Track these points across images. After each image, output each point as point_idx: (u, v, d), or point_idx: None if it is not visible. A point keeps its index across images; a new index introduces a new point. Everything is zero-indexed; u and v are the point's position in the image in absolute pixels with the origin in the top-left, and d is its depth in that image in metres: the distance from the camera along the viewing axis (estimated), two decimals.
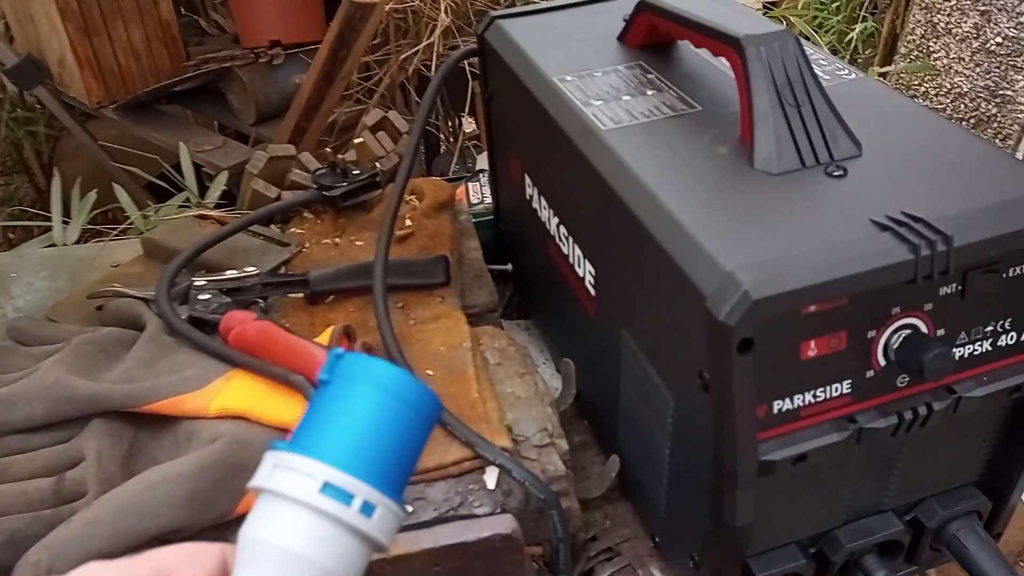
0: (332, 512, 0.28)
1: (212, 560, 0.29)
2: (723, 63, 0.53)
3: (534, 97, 0.56)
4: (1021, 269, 0.41)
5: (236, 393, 0.52)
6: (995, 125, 1.74)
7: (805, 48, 0.47)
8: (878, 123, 0.47)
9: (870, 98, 0.50)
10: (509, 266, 0.78)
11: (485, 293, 0.70)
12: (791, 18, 1.48)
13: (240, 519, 0.48)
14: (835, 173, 0.43)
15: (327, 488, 0.28)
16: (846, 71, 0.53)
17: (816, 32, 1.76)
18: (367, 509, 0.29)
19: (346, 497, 0.28)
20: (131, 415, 0.52)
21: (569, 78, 0.56)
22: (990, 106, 1.73)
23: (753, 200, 0.42)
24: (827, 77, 0.52)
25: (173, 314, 0.59)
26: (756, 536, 0.44)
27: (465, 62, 1.11)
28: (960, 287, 0.40)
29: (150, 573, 0.28)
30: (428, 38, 1.18)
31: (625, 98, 0.52)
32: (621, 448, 0.55)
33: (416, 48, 1.25)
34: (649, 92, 0.53)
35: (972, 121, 1.77)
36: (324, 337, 0.57)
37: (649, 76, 0.55)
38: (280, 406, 0.51)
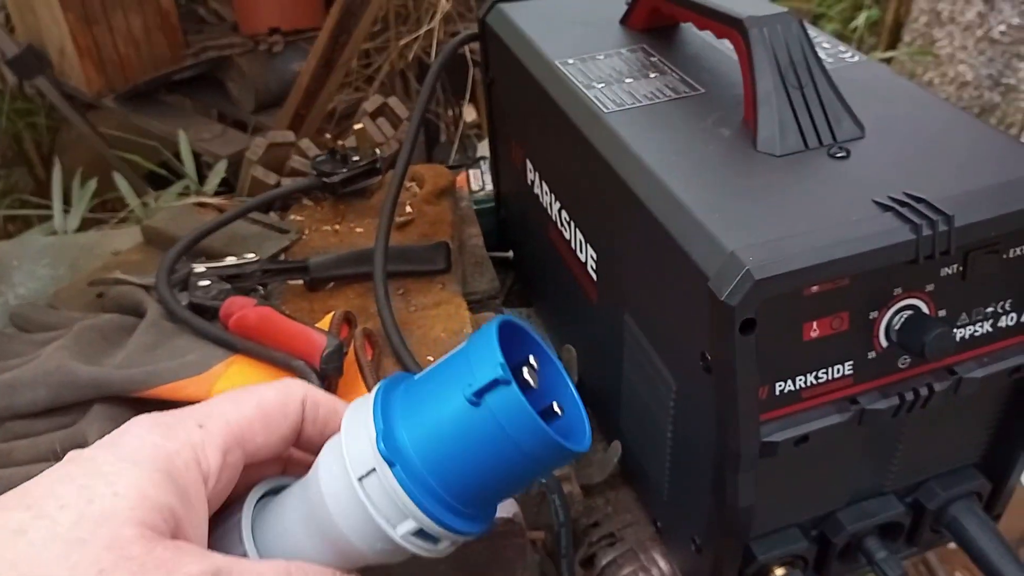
0: (412, 549, 0.27)
1: (287, 426, 0.28)
2: (726, 45, 0.53)
3: (536, 81, 0.56)
4: (1022, 250, 0.41)
5: (237, 378, 0.52)
6: (999, 113, 1.73)
7: (808, 30, 0.47)
8: (881, 105, 0.46)
9: (873, 80, 0.49)
10: (510, 253, 0.78)
11: (486, 280, 0.70)
12: (796, 4, 1.47)
13: None
14: (838, 155, 0.43)
15: (418, 532, 0.26)
16: (849, 54, 0.53)
17: (821, 18, 1.75)
18: (451, 546, 0.28)
19: (433, 540, 0.27)
20: (133, 400, 0.52)
21: (571, 61, 0.55)
22: (994, 94, 1.72)
23: (756, 181, 0.41)
24: (830, 59, 0.52)
25: (173, 300, 0.59)
26: (758, 519, 0.44)
27: (466, 49, 1.10)
28: (961, 268, 0.40)
29: (223, 438, 0.27)
30: (428, 24, 1.17)
31: (628, 81, 0.52)
32: (623, 434, 0.55)
33: (416, 34, 1.24)
34: (652, 75, 0.53)
35: (976, 109, 1.77)
36: (324, 323, 0.57)
37: (652, 59, 0.55)
38: None
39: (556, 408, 0.27)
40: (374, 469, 0.26)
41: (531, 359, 0.27)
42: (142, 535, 0.23)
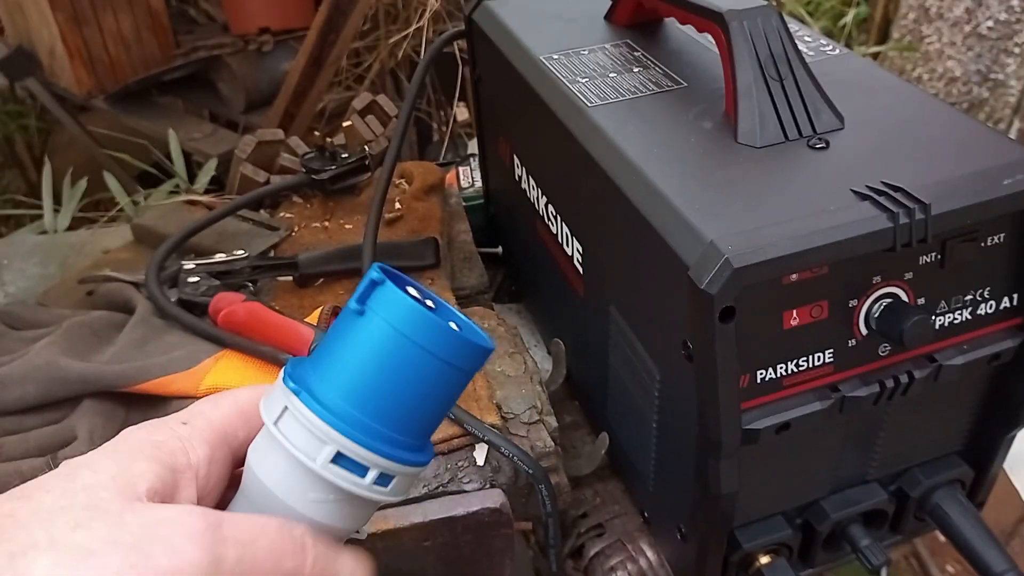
0: (342, 486, 0.26)
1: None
2: (708, 40, 0.54)
3: (521, 76, 0.56)
4: (999, 238, 0.41)
5: (225, 373, 0.52)
6: (987, 109, 1.74)
7: (789, 24, 0.48)
8: (860, 97, 0.47)
9: (853, 73, 0.50)
10: (499, 248, 0.78)
11: (475, 275, 0.71)
12: (783, 0, 1.48)
13: None
14: (817, 146, 0.43)
15: (340, 459, 0.25)
16: (830, 47, 0.53)
17: (810, 16, 1.76)
18: (382, 481, 0.26)
19: (360, 469, 0.25)
20: (122, 395, 0.52)
21: (555, 56, 0.56)
22: (982, 90, 1.73)
23: (736, 172, 0.42)
24: (811, 52, 0.52)
25: (163, 296, 0.59)
26: (742, 507, 0.44)
27: (456, 48, 1.10)
28: (939, 256, 0.40)
29: (208, 433, 0.27)
30: (417, 22, 1.17)
31: (611, 75, 0.53)
32: (611, 426, 0.56)
33: (405, 33, 1.24)
34: (635, 69, 0.53)
35: (965, 105, 1.77)
36: (313, 317, 0.57)
37: (635, 54, 0.55)
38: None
39: (453, 326, 0.26)
40: (285, 407, 0.26)
41: (411, 289, 0.27)
42: (121, 495, 0.23)
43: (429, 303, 0.27)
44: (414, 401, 0.26)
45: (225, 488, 0.29)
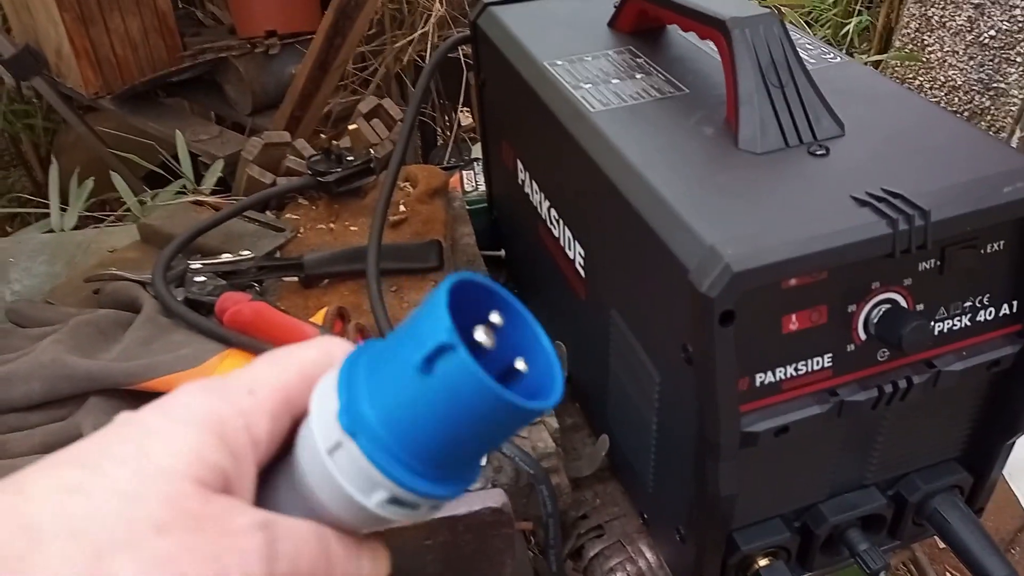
0: (395, 520, 0.26)
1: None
2: (710, 47, 0.54)
3: (525, 82, 0.57)
4: (998, 245, 0.42)
5: (230, 371, 0.53)
6: (988, 117, 1.75)
7: (790, 32, 0.48)
8: (861, 104, 0.47)
9: (854, 80, 0.50)
10: (502, 251, 0.79)
11: None
12: (783, 9, 1.49)
13: None
14: (818, 152, 0.44)
15: (394, 500, 0.25)
16: (831, 55, 0.54)
17: (812, 25, 1.77)
18: (434, 508, 0.27)
19: (412, 506, 0.26)
20: (128, 394, 0.53)
21: (560, 63, 0.56)
22: (984, 99, 1.74)
23: (737, 178, 0.42)
24: (812, 60, 0.53)
25: (169, 295, 0.59)
26: (740, 510, 0.45)
27: (461, 54, 1.11)
28: (939, 262, 0.41)
29: (272, 404, 0.27)
30: (423, 27, 1.18)
31: (614, 81, 0.53)
32: (611, 428, 0.56)
33: (410, 38, 1.25)
34: (638, 75, 0.54)
35: (966, 114, 1.78)
36: (318, 318, 0.58)
37: (638, 60, 0.56)
38: None
39: (520, 365, 0.27)
40: (340, 443, 0.26)
41: (494, 315, 0.26)
42: (198, 491, 0.23)
43: (496, 319, 0.26)
44: (469, 449, 0.26)
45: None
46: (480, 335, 0.25)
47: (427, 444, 0.25)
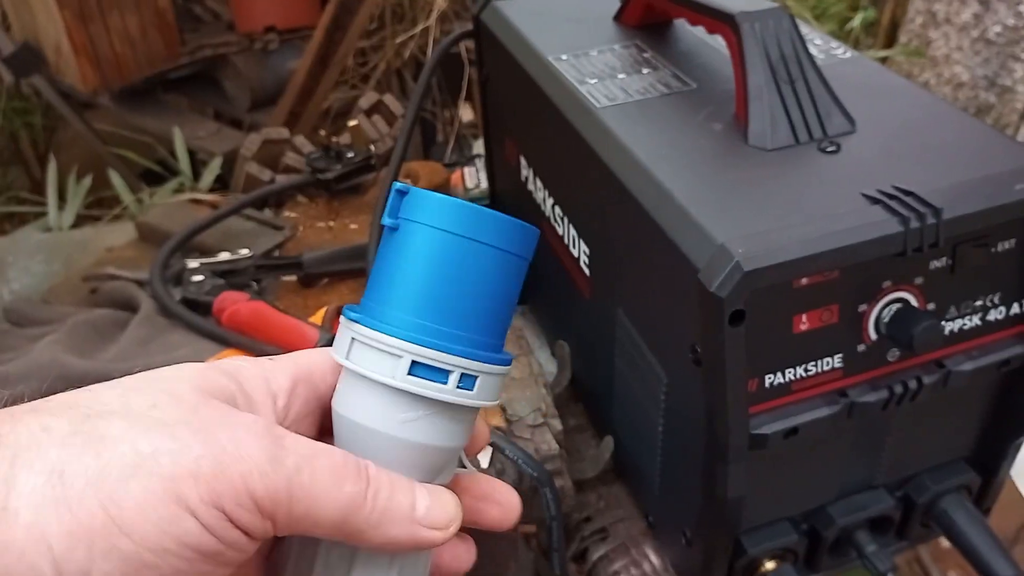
0: (428, 395, 0.25)
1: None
2: (719, 41, 0.53)
3: (529, 77, 0.56)
4: (1010, 243, 0.41)
5: None
6: (994, 114, 1.74)
7: (800, 26, 0.47)
8: (871, 100, 0.47)
9: (863, 76, 0.50)
10: None
11: None
12: (789, 3, 1.48)
13: None
14: (828, 149, 0.43)
15: (417, 368, 0.25)
16: (840, 49, 0.53)
17: (817, 20, 1.75)
18: (466, 382, 0.25)
19: (441, 375, 0.25)
20: None
21: (564, 57, 0.55)
22: (989, 95, 1.73)
23: (747, 175, 0.42)
24: (821, 55, 0.52)
25: (167, 295, 0.59)
26: (748, 512, 0.44)
27: (462, 48, 1.10)
28: (950, 261, 0.40)
29: (292, 367, 0.28)
30: (424, 22, 1.17)
31: (620, 76, 0.52)
32: (616, 429, 0.56)
33: (412, 33, 1.24)
34: (645, 70, 0.53)
35: (972, 110, 1.77)
36: (317, 317, 0.57)
37: (645, 55, 0.55)
38: None
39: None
40: (352, 339, 0.26)
41: None
42: (199, 391, 0.24)
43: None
44: (476, 297, 0.25)
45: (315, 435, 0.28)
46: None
47: (426, 294, 0.25)
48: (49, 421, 0.22)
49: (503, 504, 0.29)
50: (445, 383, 0.25)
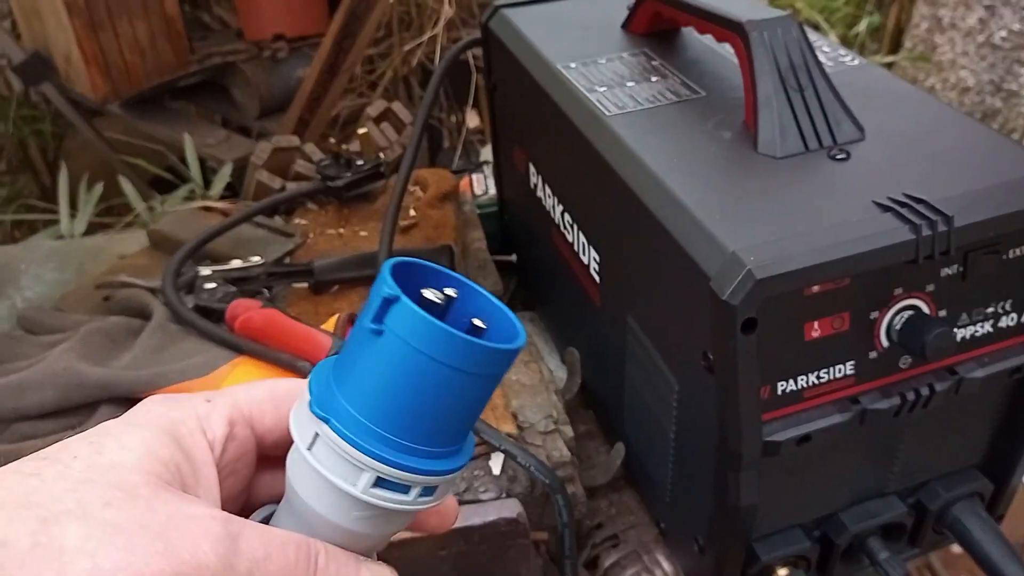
0: (388, 507, 0.26)
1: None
2: (727, 49, 0.54)
3: (538, 84, 0.57)
4: (1021, 250, 0.41)
5: (242, 379, 0.52)
6: (1000, 119, 1.74)
7: (808, 34, 0.48)
8: (880, 107, 0.47)
9: (872, 83, 0.50)
10: (513, 256, 0.78)
11: (489, 282, 0.71)
12: (797, 6, 1.48)
13: None
14: (838, 156, 0.43)
15: (380, 483, 0.25)
16: (849, 57, 0.53)
17: (819, 28, 1.76)
18: (427, 492, 0.26)
19: (402, 489, 0.25)
20: (139, 401, 0.52)
21: (573, 65, 0.56)
22: (995, 100, 1.73)
23: (757, 183, 0.42)
24: (830, 63, 0.52)
25: (179, 303, 0.59)
26: (760, 519, 0.44)
27: (469, 55, 1.11)
28: (961, 268, 0.40)
29: (228, 410, 0.28)
30: (432, 30, 1.18)
31: (629, 84, 0.53)
32: (626, 436, 0.56)
33: (419, 40, 1.25)
34: (653, 78, 0.53)
35: (978, 115, 1.77)
36: (329, 324, 0.57)
37: (653, 63, 0.55)
38: None
39: (478, 323, 0.26)
40: (316, 434, 0.26)
41: (447, 290, 0.26)
42: (149, 481, 0.24)
43: (450, 292, 0.27)
44: (446, 414, 0.25)
45: (255, 470, 0.29)
46: (428, 294, 0.26)
47: (400, 411, 0.25)
48: (7, 532, 0.21)
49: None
50: (406, 495, 0.26)
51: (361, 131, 0.82)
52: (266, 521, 0.28)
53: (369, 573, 0.27)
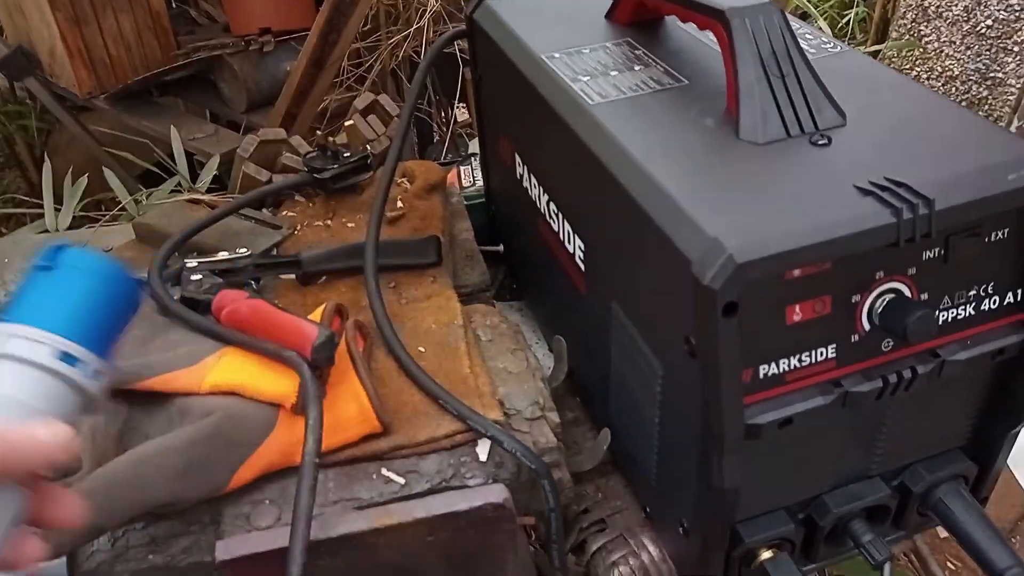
0: (64, 372, 0.33)
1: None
2: (709, 38, 0.54)
3: (522, 75, 0.57)
4: (1002, 233, 0.41)
5: (228, 369, 0.52)
6: (986, 107, 1.74)
7: (790, 21, 0.48)
8: (862, 93, 0.47)
9: (854, 69, 0.50)
10: (501, 247, 0.78)
11: (477, 273, 0.71)
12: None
13: (234, 493, 0.48)
14: (819, 142, 0.43)
15: (61, 355, 0.33)
16: (831, 44, 0.53)
17: (807, 17, 1.76)
18: (95, 378, 0.34)
19: (71, 359, 0.33)
20: (124, 394, 0.52)
21: (557, 55, 0.56)
22: (981, 88, 1.73)
23: (739, 169, 0.42)
24: (812, 50, 0.52)
25: (165, 295, 0.59)
26: (744, 502, 0.44)
27: (456, 49, 1.11)
28: (943, 252, 0.40)
29: None
30: (418, 23, 1.17)
31: (613, 73, 0.53)
32: (612, 421, 0.56)
33: (406, 33, 1.24)
34: (636, 67, 0.53)
35: (964, 103, 1.77)
36: (316, 315, 0.57)
37: (637, 52, 0.56)
38: (273, 381, 0.51)
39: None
40: (11, 335, 0.33)
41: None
42: None
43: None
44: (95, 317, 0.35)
45: None
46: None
47: (69, 314, 0.33)
48: None
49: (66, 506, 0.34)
50: (74, 365, 0.33)
51: (348, 123, 0.82)
52: None
53: (43, 427, 0.31)
